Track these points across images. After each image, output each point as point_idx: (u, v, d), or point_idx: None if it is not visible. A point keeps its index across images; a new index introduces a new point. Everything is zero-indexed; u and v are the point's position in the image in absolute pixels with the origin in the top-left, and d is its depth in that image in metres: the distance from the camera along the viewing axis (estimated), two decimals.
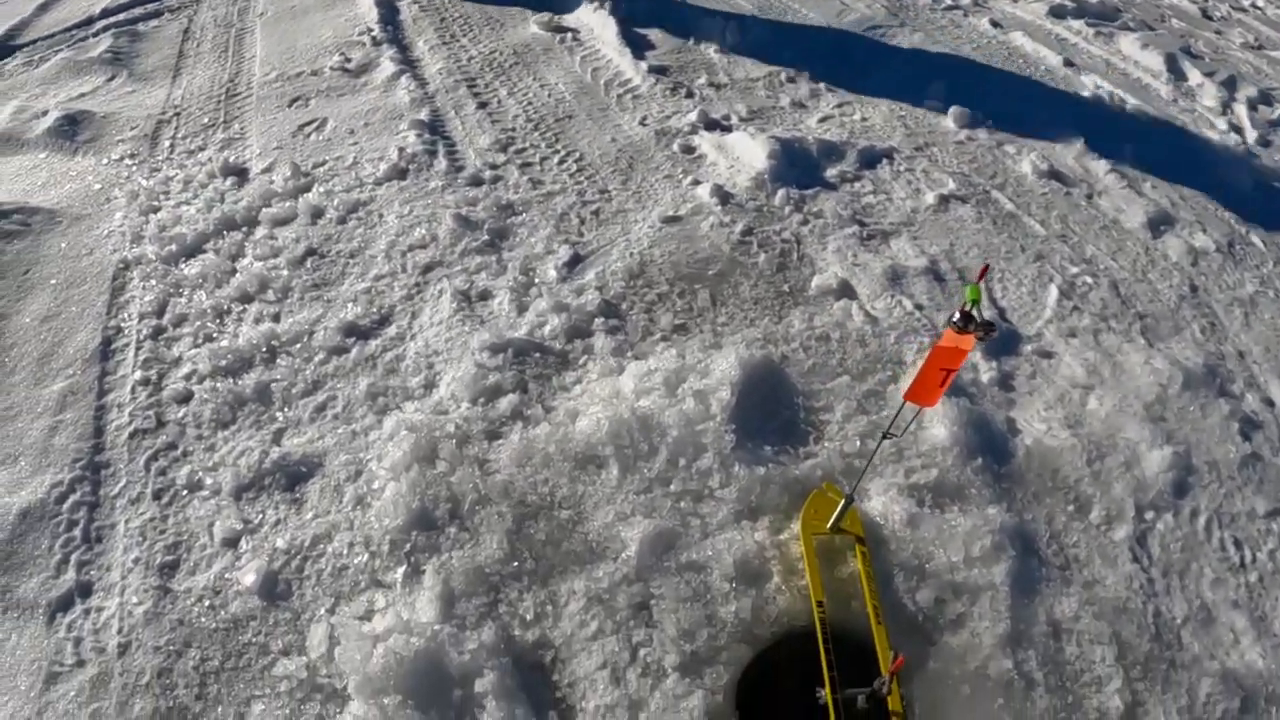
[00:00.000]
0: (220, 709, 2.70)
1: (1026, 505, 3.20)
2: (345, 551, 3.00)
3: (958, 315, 2.15)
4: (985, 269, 2.43)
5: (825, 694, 2.47)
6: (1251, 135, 5.71)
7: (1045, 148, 5.24)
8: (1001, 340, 3.85)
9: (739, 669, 2.78)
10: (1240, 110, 5.95)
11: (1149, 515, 3.23)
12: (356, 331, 3.69)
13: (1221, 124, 5.79)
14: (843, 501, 2.89)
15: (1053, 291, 4.15)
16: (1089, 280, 4.24)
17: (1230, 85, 6.20)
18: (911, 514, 3.05)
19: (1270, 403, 3.76)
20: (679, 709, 2.64)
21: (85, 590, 2.94)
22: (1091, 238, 4.56)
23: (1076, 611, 2.90)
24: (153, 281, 3.94)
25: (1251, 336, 4.08)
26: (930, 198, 4.65)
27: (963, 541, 2.98)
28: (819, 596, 2.68)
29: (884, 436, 2.69)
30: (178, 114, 5.40)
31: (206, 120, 5.30)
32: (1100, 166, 5.12)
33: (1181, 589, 3.03)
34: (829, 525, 2.93)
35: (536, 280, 3.90)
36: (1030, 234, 4.50)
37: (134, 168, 4.56)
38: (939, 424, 3.33)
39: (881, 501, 3.10)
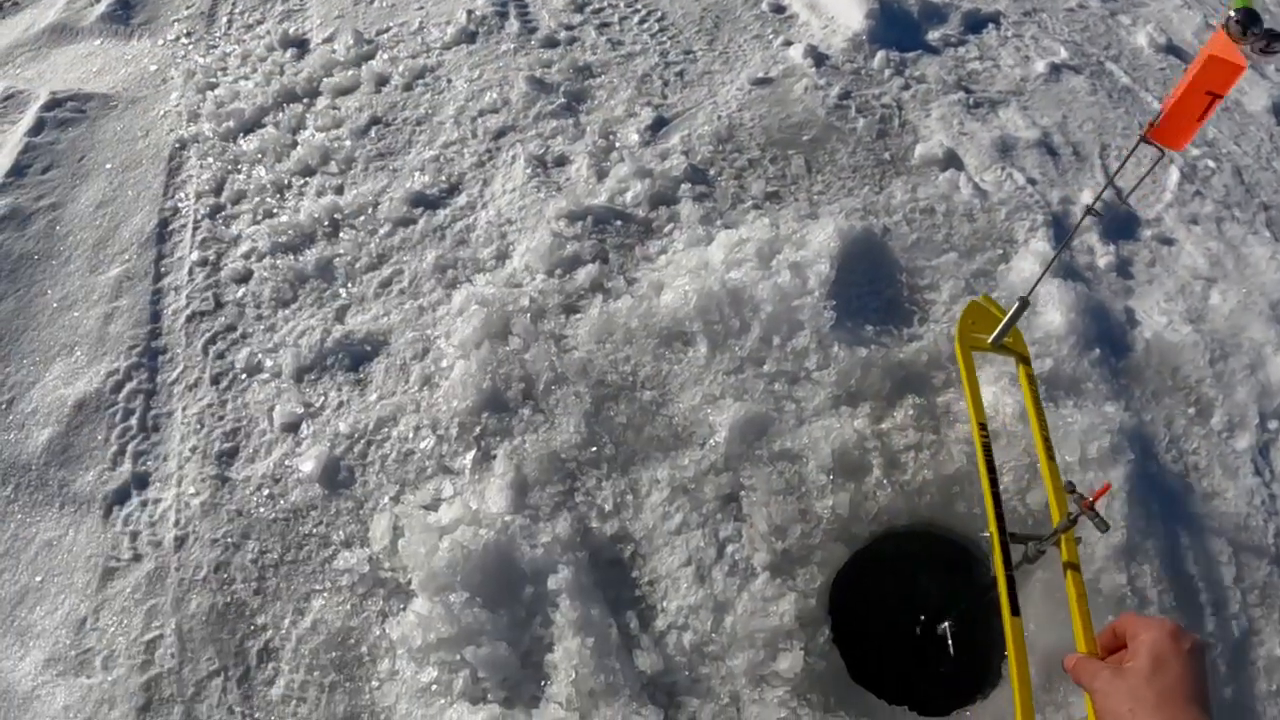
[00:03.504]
0: (279, 604, 2.49)
1: (1145, 405, 2.85)
2: (411, 436, 2.72)
3: (1234, 14, 1.61)
4: None
5: (991, 532, 2.02)
6: None
7: (1162, 20, 4.71)
8: (1119, 223, 3.45)
9: (834, 570, 2.46)
10: None
11: (1273, 425, 2.89)
12: (424, 201, 3.36)
13: None
14: (1014, 308, 2.38)
15: (1174, 174, 3.72)
16: (1211, 165, 3.80)
17: None
18: (1023, 407, 2.65)
19: None
20: (768, 612, 2.33)
21: (142, 482, 2.74)
22: (1213, 119, 4.04)
23: (1195, 525, 2.56)
24: (210, 159, 3.64)
25: None
26: (1040, 66, 4.17)
27: (1079, 440, 2.60)
28: (981, 419, 2.24)
29: (1088, 211, 2.24)
30: None
31: None
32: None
33: None
34: (992, 338, 2.47)
35: (617, 144, 3.52)
36: (1147, 110, 4.03)
37: (190, 46, 4.23)
38: (1054, 309, 2.95)
39: (992, 391, 2.72)
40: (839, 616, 2.42)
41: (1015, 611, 1.67)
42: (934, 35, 4.26)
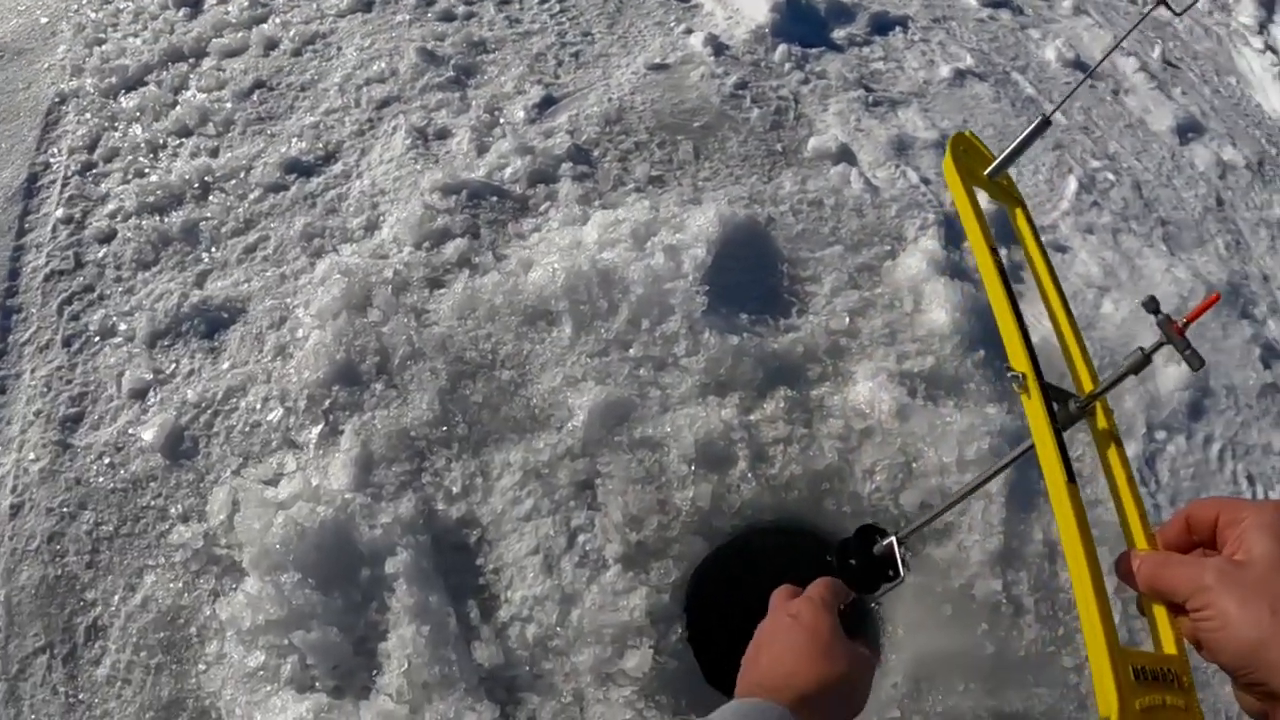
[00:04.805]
0: (111, 579, 2.30)
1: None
2: (259, 407, 2.55)
3: None
4: None
5: (1025, 375, 1.34)
6: None
7: (1073, 36, 4.66)
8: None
9: (692, 565, 2.31)
10: (1278, 33, 5.34)
11: (1160, 435, 2.81)
12: (299, 168, 3.16)
13: (1257, 43, 5.20)
14: (1030, 127, 1.58)
15: (1071, 183, 3.64)
16: (1110, 177, 3.74)
17: (1269, 5, 5.53)
18: (901, 404, 2.56)
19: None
20: (617, 606, 2.17)
21: None
22: (1116, 134, 4.06)
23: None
24: (88, 115, 3.41)
25: (1278, 261, 3.65)
26: (945, 70, 4.08)
27: (957, 441, 2.48)
28: (991, 243, 1.47)
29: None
30: None
31: None
32: (1129, 64, 4.56)
33: None
34: (993, 165, 1.68)
35: (502, 120, 3.34)
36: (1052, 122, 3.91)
37: (84, 1, 3.99)
38: (938, 307, 2.83)
39: (869, 387, 2.60)
40: (695, 614, 2.28)
41: (1071, 479, 1.20)
42: (840, 34, 4.15)
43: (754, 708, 1.22)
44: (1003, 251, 1.86)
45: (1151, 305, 1.32)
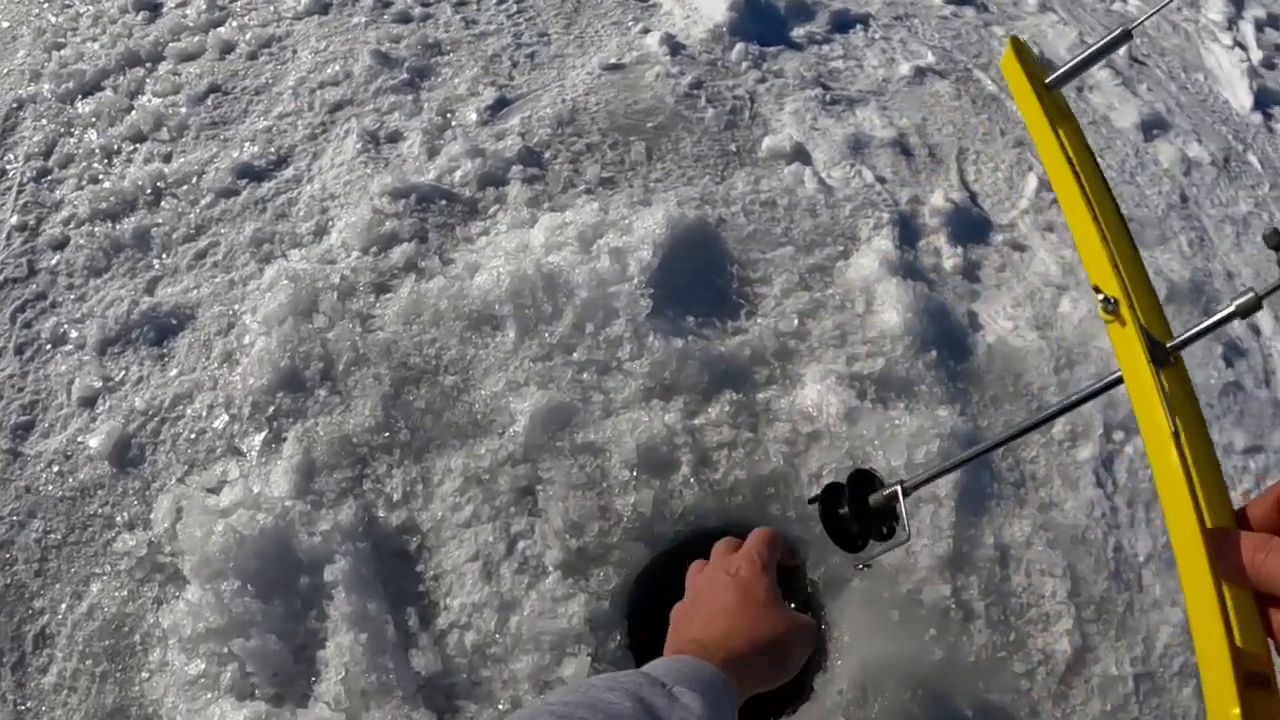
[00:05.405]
0: (58, 587, 2.28)
1: (982, 410, 2.70)
2: (205, 414, 2.52)
3: None
4: None
5: (1117, 300, 1.12)
6: (1256, 55, 5.06)
7: (1037, 34, 4.62)
8: (970, 225, 3.32)
9: (633, 571, 2.29)
10: (1247, 29, 5.28)
11: (1118, 436, 2.74)
12: (250, 173, 3.12)
13: (1225, 39, 5.13)
14: (1108, 38, 1.32)
15: (1032, 180, 3.58)
16: None
17: (1238, 1, 5.50)
18: (850, 407, 2.53)
19: (1256, 330, 3.28)
20: (556, 613, 2.15)
21: None
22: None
23: (1028, 537, 2.42)
24: (44, 121, 3.37)
25: (1242, 258, 3.58)
26: (905, 68, 4.03)
27: (906, 444, 2.46)
28: (1066, 147, 1.31)
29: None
30: None
31: None
32: None
33: (1147, 523, 2.57)
34: (1050, 80, 1.39)
35: (454, 123, 3.31)
36: (1012, 118, 3.91)
37: (45, 4, 3.94)
38: (890, 308, 2.80)
39: (817, 390, 2.57)
40: (638, 620, 2.26)
41: (1175, 429, 0.95)
42: (799, 32, 4.11)
43: (687, 664, 1.22)
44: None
45: (1273, 239, 1.05)
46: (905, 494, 1.41)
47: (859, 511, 1.45)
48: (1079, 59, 1.31)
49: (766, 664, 1.33)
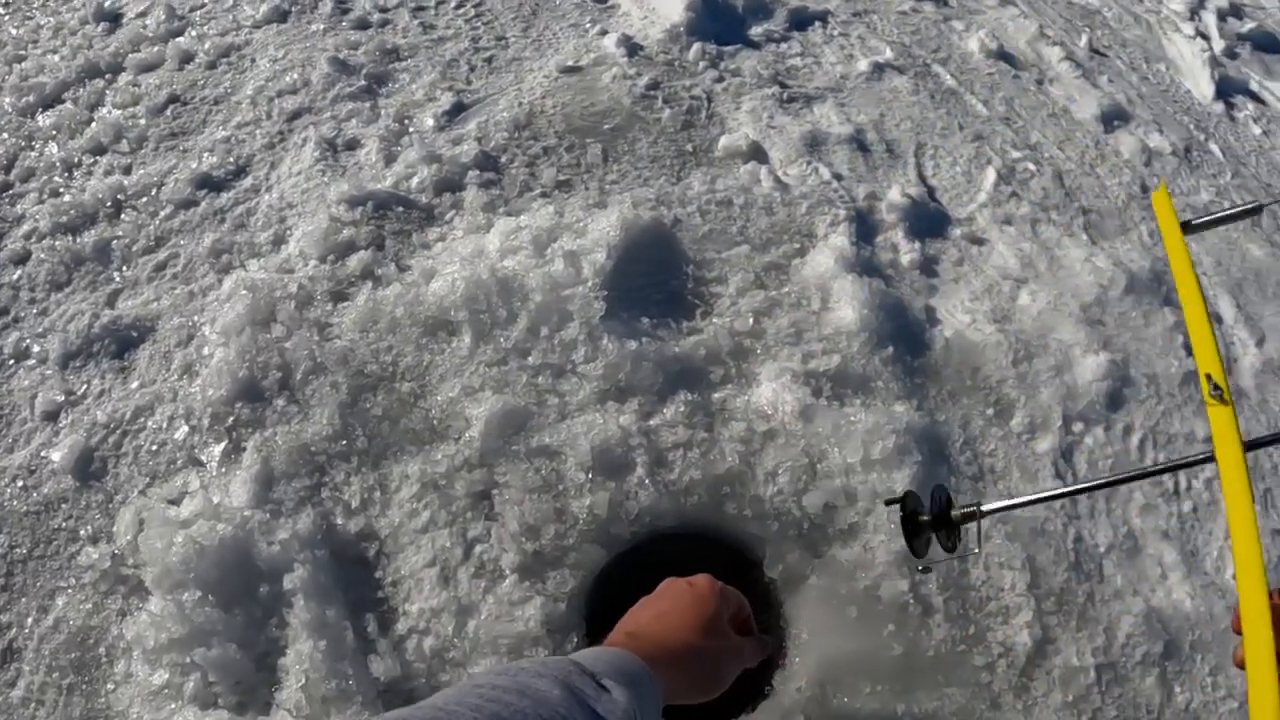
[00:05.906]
0: (25, 601, 2.29)
1: (940, 405, 2.71)
2: (165, 426, 2.53)
3: None
4: None
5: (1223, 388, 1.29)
6: (1219, 45, 5.10)
7: (997, 27, 4.64)
8: (928, 220, 3.33)
9: (590, 574, 2.30)
10: (1209, 19, 5.32)
11: (1077, 427, 2.75)
12: (209, 183, 3.13)
13: (1188, 29, 5.17)
14: (1241, 209, 1.67)
15: (990, 174, 3.60)
16: (1031, 167, 3.69)
17: None
18: (805, 405, 2.54)
19: (1218, 318, 3.30)
20: (513, 616, 2.17)
21: None
22: (1038, 124, 4.01)
23: (987, 530, 2.42)
24: (5, 135, 3.37)
25: (1203, 247, 3.59)
26: (863, 65, 4.04)
27: (862, 441, 2.46)
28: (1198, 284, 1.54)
29: None
30: None
31: None
32: (1054, 53, 4.52)
33: (1107, 513, 2.57)
34: (1194, 223, 1.70)
35: (411, 129, 3.31)
36: (971, 113, 3.94)
37: (6, 17, 3.93)
38: (846, 304, 2.80)
39: (772, 388, 2.58)
40: (596, 623, 2.28)
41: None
42: (756, 30, 4.12)
43: (617, 655, 1.24)
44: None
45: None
46: (981, 515, 1.51)
47: (938, 522, 1.55)
48: (1215, 218, 1.63)
49: (695, 674, 1.36)
